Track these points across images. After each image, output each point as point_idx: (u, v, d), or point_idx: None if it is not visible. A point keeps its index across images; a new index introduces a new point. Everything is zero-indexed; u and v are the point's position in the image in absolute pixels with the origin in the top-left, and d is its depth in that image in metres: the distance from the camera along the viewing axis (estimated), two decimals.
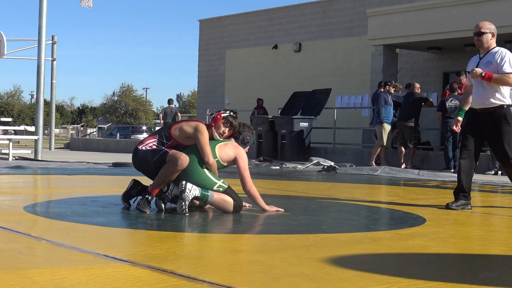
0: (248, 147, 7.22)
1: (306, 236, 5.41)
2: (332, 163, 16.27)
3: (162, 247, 4.64)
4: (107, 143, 29.79)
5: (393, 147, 18.26)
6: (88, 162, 16.31)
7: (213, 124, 6.94)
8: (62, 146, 34.64)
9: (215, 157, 6.79)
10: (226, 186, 6.78)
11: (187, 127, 6.82)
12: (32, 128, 18.81)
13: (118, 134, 44.73)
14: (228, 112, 7.06)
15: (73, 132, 68.94)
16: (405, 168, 16.25)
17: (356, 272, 3.95)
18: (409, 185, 12.06)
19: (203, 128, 6.77)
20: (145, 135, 47.42)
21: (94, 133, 57.69)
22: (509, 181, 8.36)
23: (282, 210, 6.87)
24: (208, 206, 6.86)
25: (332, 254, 4.54)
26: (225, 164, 6.90)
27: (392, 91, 17.27)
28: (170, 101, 26.67)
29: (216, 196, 6.61)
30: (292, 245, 4.93)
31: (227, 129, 7.00)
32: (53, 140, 29.14)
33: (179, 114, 26.42)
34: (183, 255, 4.43)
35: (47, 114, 34.15)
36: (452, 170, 15.74)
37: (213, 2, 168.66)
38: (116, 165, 15.24)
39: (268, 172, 14.83)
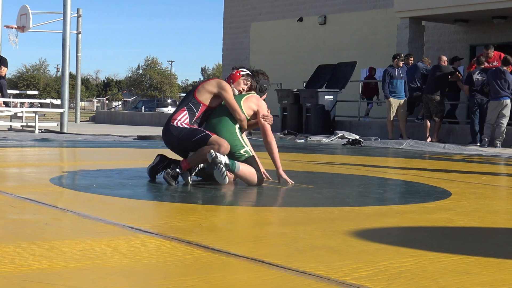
0: (265, 95, 7.19)
1: (331, 209, 5.40)
2: (357, 137, 16.22)
3: (187, 219, 4.66)
4: (132, 116, 29.89)
5: (418, 120, 18.18)
6: (113, 135, 16.38)
7: (231, 81, 6.97)
8: (88, 119, 34.83)
9: (242, 112, 6.76)
10: (251, 154, 6.74)
11: (210, 87, 6.79)
12: (57, 101, 18.91)
13: (143, 107, 44.86)
14: (246, 69, 7.11)
15: (98, 105, 69.25)
16: (430, 141, 16.16)
17: (381, 245, 3.94)
18: (434, 158, 12.00)
19: (226, 85, 6.80)
20: (169, 108, 47.55)
21: (119, 106, 57.90)
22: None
23: (293, 183, 6.82)
24: (231, 179, 6.83)
25: (357, 227, 4.53)
26: (249, 118, 6.87)
27: (401, 65, 17.13)
28: None
29: (243, 167, 6.58)
30: (316, 218, 4.93)
31: (247, 86, 7.02)
32: (78, 113, 29.29)
33: None
34: (208, 228, 4.44)
35: (73, 87, 34.28)
36: (478, 144, 15.64)
37: None
38: (141, 138, 15.29)
39: (292, 145, 14.82)
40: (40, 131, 17.85)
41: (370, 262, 3.46)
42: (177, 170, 6.53)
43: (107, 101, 66.48)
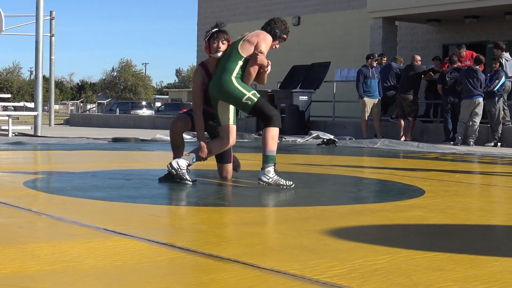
0: (277, 41, 6.92)
1: (305, 208, 5.41)
2: (332, 136, 16.28)
3: (162, 221, 4.65)
4: (106, 119, 29.77)
5: (392, 119, 18.27)
6: (87, 138, 16.32)
7: (208, 52, 6.78)
8: (62, 122, 34.63)
9: (240, 58, 6.60)
10: (256, 99, 6.57)
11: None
12: (31, 105, 18.75)
13: (117, 110, 44.69)
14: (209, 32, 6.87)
15: (72, 108, 68.91)
16: (404, 140, 16.26)
17: (355, 243, 3.96)
18: (408, 157, 12.07)
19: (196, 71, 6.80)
20: (144, 110, 47.44)
21: (94, 108, 57.66)
22: (508, 152, 8.31)
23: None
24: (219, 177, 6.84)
25: (331, 226, 4.55)
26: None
27: (375, 64, 17.24)
28: None
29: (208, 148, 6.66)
30: (291, 217, 4.94)
31: (217, 42, 6.78)
32: (52, 116, 29.13)
33: None
34: (182, 228, 4.44)
35: (46, 90, 34.08)
36: (452, 143, 15.75)
37: None
38: (115, 140, 15.24)
39: None
40: (13, 134, 17.72)
41: (344, 260, 3.48)
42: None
43: (81, 104, 66.18)
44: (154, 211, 5.19)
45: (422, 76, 17.13)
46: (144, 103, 53.98)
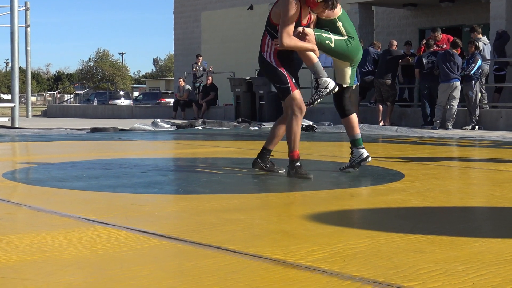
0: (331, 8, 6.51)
1: (286, 194, 5.42)
2: (311, 122, 16.30)
3: (143, 209, 4.64)
4: (84, 109, 29.64)
5: (370, 104, 18.31)
6: (66, 128, 16.23)
7: (309, 6, 6.39)
8: (40, 113, 34.44)
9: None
10: (334, 43, 6.52)
11: (277, 8, 6.47)
12: (8, 96, 18.62)
13: (95, 100, 44.53)
14: None
15: (50, 99, 68.48)
16: (383, 125, 16.32)
17: (336, 228, 3.98)
18: (387, 141, 12.11)
19: (288, 2, 6.34)
20: (122, 100, 47.25)
21: (71, 99, 57.36)
22: (486, 135, 8.36)
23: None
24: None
25: (312, 211, 4.56)
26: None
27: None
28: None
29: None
30: (272, 203, 4.95)
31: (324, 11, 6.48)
32: (30, 108, 28.95)
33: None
34: (164, 216, 4.44)
35: (23, 82, 33.89)
36: (430, 127, 15.83)
37: None
38: (94, 130, 15.18)
39: (247, 133, 14.83)
40: None
41: (325, 244, 3.49)
42: (297, 163, 6.45)
43: (58, 95, 65.81)
44: (135, 199, 5.18)
45: (400, 60, 17.18)
46: (122, 93, 53.75)
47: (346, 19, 6.68)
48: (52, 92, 74.82)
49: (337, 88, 6.56)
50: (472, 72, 15.45)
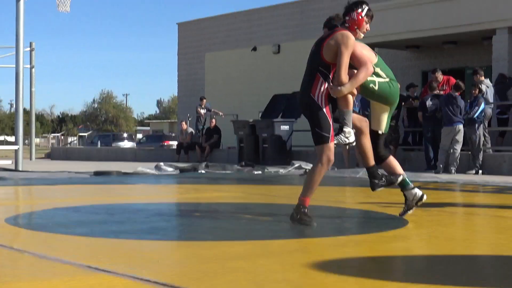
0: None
1: (290, 241, 5.40)
2: None
3: (145, 256, 4.62)
4: (88, 152, 29.68)
5: None
6: (69, 172, 16.23)
7: (356, 27, 6.44)
8: (43, 155, 34.46)
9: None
10: (378, 85, 6.51)
11: (332, 45, 6.22)
12: (12, 138, 18.65)
13: (99, 142, 44.59)
14: (364, 6, 6.56)
15: (53, 141, 68.64)
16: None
17: (340, 277, 3.95)
18: (390, 186, 12.06)
19: (347, 39, 6.22)
20: (126, 142, 47.32)
21: (75, 141, 57.50)
22: (490, 180, 8.34)
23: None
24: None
25: (316, 259, 4.53)
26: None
27: (355, 93, 17.26)
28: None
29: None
30: (275, 251, 4.93)
31: (368, 24, 6.60)
32: (33, 150, 28.97)
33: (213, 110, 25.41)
34: (167, 264, 4.41)
35: (27, 124, 33.93)
36: (434, 171, 15.78)
37: (191, 5, 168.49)
38: (97, 173, 15.17)
39: (250, 177, 14.82)
40: None
41: None
42: (304, 210, 6.31)
43: (62, 137, 65.97)
44: (138, 246, 5.15)
45: (403, 103, 17.20)
46: (125, 135, 53.90)
47: (382, 64, 6.69)
48: (56, 134, 75.04)
49: (353, 144, 6.54)
50: (475, 116, 15.46)
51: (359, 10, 6.47)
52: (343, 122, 6.42)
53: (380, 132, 6.73)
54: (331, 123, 6.32)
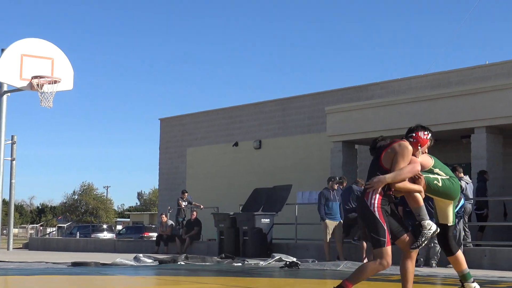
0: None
1: None
2: (294, 259, 16.20)
3: None
4: (66, 243, 29.41)
5: (354, 241, 18.28)
6: (47, 262, 16.04)
7: (419, 145, 7.06)
8: (21, 246, 34.09)
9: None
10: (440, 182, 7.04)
11: (390, 154, 6.87)
12: None
13: (78, 233, 44.23)
14: (429, 133, 7.19)
15: (32, 231, 68.03)
16: (367, 262, 16.22)
17: None
18: (372, 279, 12.01)
19: (405, 150, 6.86)
20: (105, 233, 46.98)
21: (54, 232, 56.96)
22: (471, 274, 8.37)
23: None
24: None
25: None
26: None
27: (335, 187, 17.41)
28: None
29: None
30: None
31: (426, 148, 7.17)
32: (11, 240, 28.69)
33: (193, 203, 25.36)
34: None
35: (6, 214, 33.72)
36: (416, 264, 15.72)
37: (173, 101, 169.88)
38: (75, 264, 15.00)
39: (230, 269, 14.71)
40: None
41: None
42: None
43: (41, 228, 65.39)
44: None
45: None
46: (105, 226, 53.51)
47: (440, 165, 7.27)
48: (35, 225, 74.39)
49: (438, 230, 7.00)
50: (455, 211, 15.50)
51: (426, 132, 7.21)
52: (419, 218, 7.04)
53: (449, 224, 7.35)
54: (385, 228, 6.79)
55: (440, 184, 7.00)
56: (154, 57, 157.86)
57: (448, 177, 7.09)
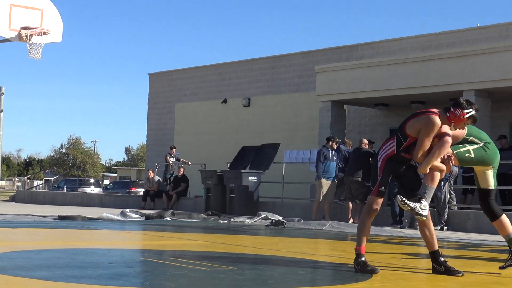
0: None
1: None
2: (280, 218, 16.26)
3: None
4: (53, 196, 29.41)
5: (340, 202, 18.35)
6: (33, 215, 16.06)
7: (453, 122, 6.75)
8: (8, 198, 34.10)
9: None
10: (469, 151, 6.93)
11: (418, 124, 6.69)
12: None
13: (65, 187, 44.20)
14: (472, 109, 6.77)
15: (19, 184, 67.95)
16: (352, 223, 16.32)
17: None
18: (356, 240, 12.08)
19: (431, 124, 6.64)
20: (92, 188, 46.97)
21: (41, 185, 56.94)
22: (455, 236, 8.46)
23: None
24: None
25: None
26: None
27: (335, 147, 17.40)
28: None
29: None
30: None
31: (465, 125, 6.89)
32: None
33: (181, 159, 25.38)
34: None
35: None
36: (399, 226, 15.85)
37: (163, 56, 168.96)
38: (61, 218, 15.03)
39: (216, 226, 14.76)
40: None
41: None
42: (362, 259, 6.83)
43: (28, 180, 65.31)
44: None
45: (370, 159, 17.31)
46: (92, 180, 53.48)
47: (475, 131, 7.08)
48: (22, 178, 74.32)
49: (424, 218, 6.89)
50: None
51: (466, 110, 6.75)
52: (423, 195, 6.90)
53: (490, 188, 7.14)
54: (379, 180, 6.87)
55: (472, 155, 6.93)
56: (146, 13, 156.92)
57: (481, 144, 6.96)
